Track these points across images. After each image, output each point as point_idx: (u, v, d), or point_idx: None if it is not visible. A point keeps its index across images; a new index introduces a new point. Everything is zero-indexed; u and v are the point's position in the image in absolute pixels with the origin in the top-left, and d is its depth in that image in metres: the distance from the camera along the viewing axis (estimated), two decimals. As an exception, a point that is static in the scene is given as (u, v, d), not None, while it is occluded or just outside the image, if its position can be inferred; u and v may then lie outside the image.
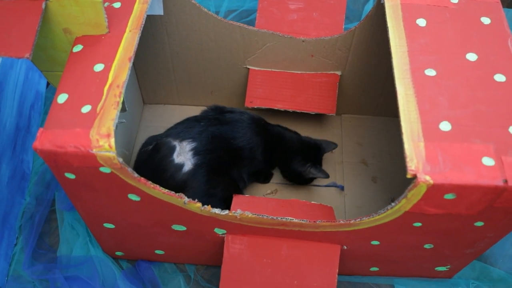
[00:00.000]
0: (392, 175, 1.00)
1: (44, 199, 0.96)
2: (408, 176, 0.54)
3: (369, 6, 1.30)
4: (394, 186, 0.99)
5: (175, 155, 0.85)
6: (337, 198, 0.98)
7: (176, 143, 0.86)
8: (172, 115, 1.05)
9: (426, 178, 0.53)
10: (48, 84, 1.12)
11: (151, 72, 1.02)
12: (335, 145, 0.98)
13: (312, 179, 0.98)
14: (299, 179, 0.99)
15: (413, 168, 0.54)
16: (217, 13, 1.29)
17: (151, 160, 0.88)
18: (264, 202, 0.84)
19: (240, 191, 0.91)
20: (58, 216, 0.93)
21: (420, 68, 0.64)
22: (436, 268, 0.81)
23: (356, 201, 0.97)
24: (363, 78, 0.99)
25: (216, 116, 0.92)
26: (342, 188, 0.99)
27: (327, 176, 0.93)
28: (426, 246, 0.72)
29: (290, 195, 0.98)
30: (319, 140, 0.98)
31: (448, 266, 0.80)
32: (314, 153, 0.97)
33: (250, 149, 0.91)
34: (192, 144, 0.85)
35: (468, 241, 0.69)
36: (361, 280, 0.88)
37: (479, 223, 0.63)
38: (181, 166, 0.84)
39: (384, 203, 0.95)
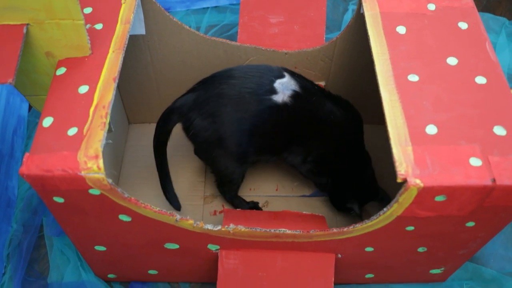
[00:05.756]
0: (380, 181, 1.01)
1: (32, 225, 0.94)
2: (399, 180, 0.55)
3: (348, 16, 1.32)
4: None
5: (278, 81, 0.77)
6: (327, 207, 0.98)
7: (287, 74, 0.80)
8: (158, 133, 1.04)
9: (416, 182, 0.54)
10: (30, 108, 1.11)
11: (135, 92, 1.01)
12: (388, 199, 0.86)
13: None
14: (340, 205, 0.94)
15: (402, 172, 0.55)
16: (198, 28, 1.30)
17: (251, 66, 0.81)
18: (255, 215, 0.84)
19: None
20: (47, 242, 0.91)
21: (403, 74, 0.65)
22: (431, 271, 0.82)
23: (347, 209, 0.97)
24: (347, 87, 1.00)
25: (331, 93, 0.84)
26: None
27: (361, 218, 0.88)
28: (420, 249, 0.72)
29: (281, 207, 0.97)
30: (380, 189, 0.92)
31: (442, 268, 0.81)
32: (371, 196, 0.91)
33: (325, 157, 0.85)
34: (298, 89, 0.78)
35: (460, 242, 0.70)
36: (357, 288, 0.88)
37: (471, 223, 0.64)
38: (274, 91, 0.77)
39: (375, 209, 0.96)
